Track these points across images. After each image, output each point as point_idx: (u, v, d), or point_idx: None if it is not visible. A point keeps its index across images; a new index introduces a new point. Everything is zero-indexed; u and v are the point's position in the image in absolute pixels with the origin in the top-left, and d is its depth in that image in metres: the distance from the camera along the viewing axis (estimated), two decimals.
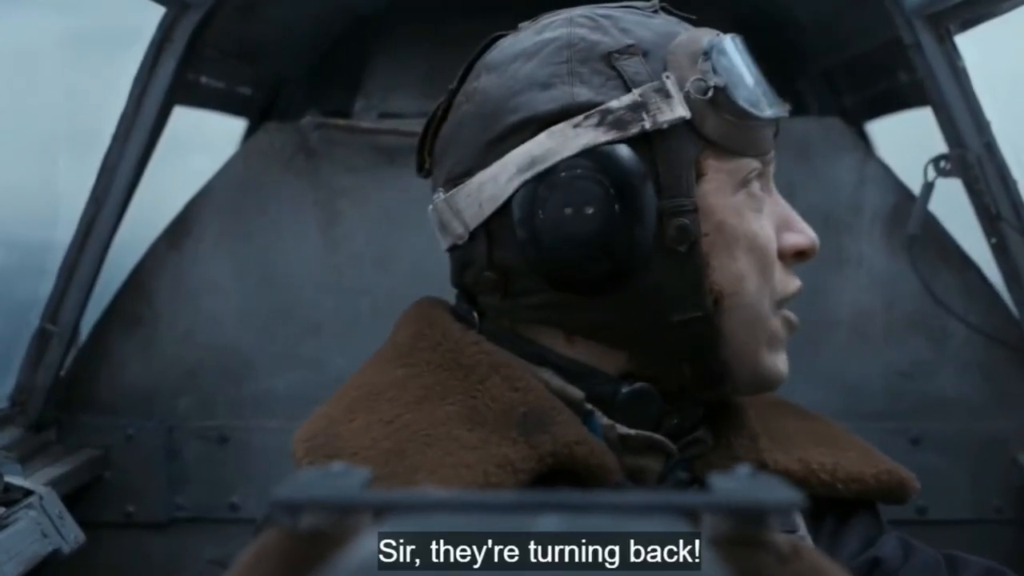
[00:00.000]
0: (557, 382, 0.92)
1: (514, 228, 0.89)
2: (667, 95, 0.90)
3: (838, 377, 1.56)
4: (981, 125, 1.46)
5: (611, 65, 0.91)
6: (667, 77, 0.90)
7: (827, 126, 1.61)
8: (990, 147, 1.46)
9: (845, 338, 1.57)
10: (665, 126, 0.89)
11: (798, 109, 1.94)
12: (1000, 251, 1.49)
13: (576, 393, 0.92)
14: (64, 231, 1.54)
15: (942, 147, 1.50)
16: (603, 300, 0.90)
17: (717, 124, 0.90)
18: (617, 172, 0.88)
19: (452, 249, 0.94)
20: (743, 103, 0.90)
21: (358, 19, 1.80)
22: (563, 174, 0.88)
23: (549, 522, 0.46)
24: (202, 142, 2.07)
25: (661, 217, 0.89)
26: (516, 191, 0.89)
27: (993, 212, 1.47)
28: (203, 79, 1.72)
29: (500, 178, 0.90)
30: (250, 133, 2.03)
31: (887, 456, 1.02)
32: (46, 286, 1.53)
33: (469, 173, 0.92)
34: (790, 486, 0.51)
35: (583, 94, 0.90)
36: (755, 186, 0.93)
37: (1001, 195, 1.46)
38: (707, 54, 0.92)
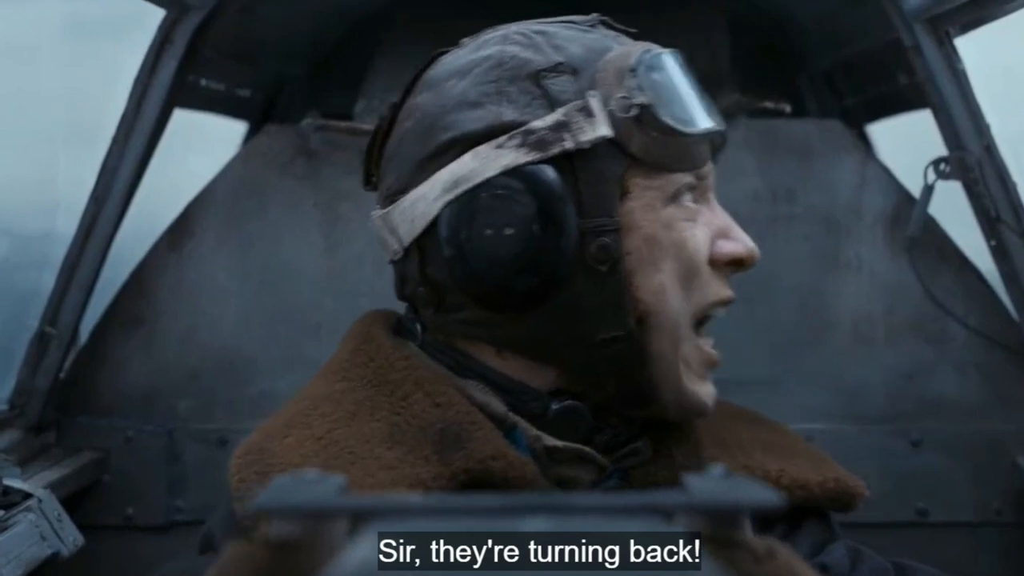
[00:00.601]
0: (480, 396, 0.94)
1: (442, 246, 0.91)
2: (590, 114, 0.90)
3: (838, 379, 1.56)
4: (981, 128, 1.46)
5: (539, 84, 0.92)
6: (592, 95, 0.91)
7: (827, 128, 1.61)
8: (990, 150, 1.46)
9: (845, 340, 1.57)
10: (587, 145, 0.89)
11: (798, 111, 1.95)
12: (1000, 253, 1.49)
13: (499, 407, 0.94)
14: (65, 221, 1.54)
15: (942, 149, 1.50)
16: (528, 318, 0.91)
17: (643, 142, 0.90)
18: (536, 192, 0.89)
19: (392, 263, 0.97)
20: (669, 120, 0.91)
21: (359, 21, 1.80)
22: (483, 195, 0.89)
23: (535, 524, 0.46)
24: (202, 144, 2.07)
25: (583, 236, 0.89)
26: (442, 210, 0.91)
27: (993, 214, 1.47)
28: (203, 81, 1.72)
29: (429, 196, 0.92)
30: (250, 135, 2.04)
31: (841, 466, 1.03)
32: (47, 277, 1.53)
33: (404, 190, 0.93)
34: (765, 486, 0.52)
35: (508, 114, 0.91)
36: (687, 199, 0.93)
37: (1001, 197, 1.46)
38: (634, 71, 0.92)
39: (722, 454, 0.99)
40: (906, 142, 2.00)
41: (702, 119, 0.93)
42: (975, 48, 1.47)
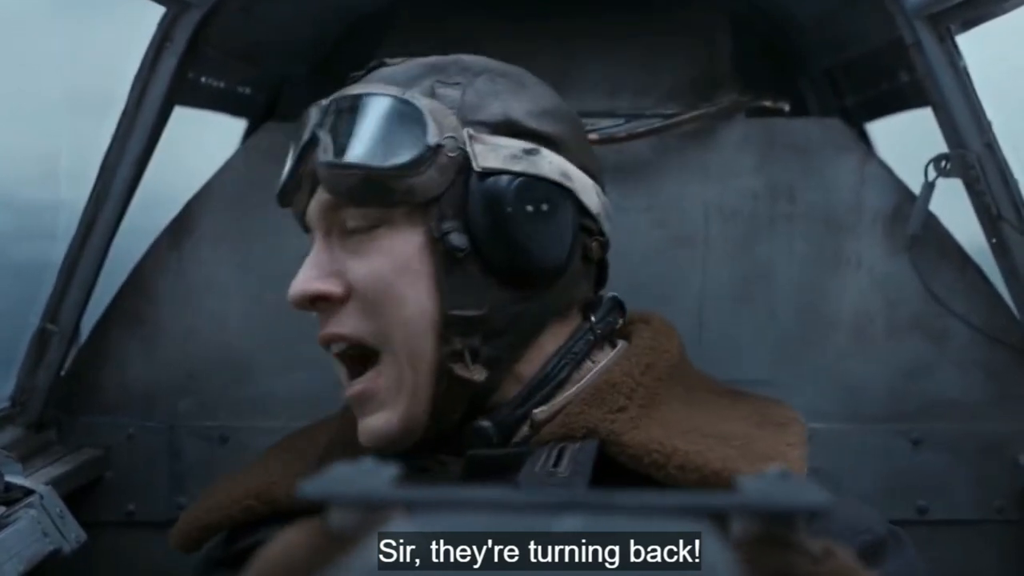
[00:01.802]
0: None
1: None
2: None
3: (838, 378, 1.56)
4: (982, 125, 1.46)
5: None
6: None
7: (827, 126, 1.61)
8: (991, 147, 1.46)
9: (845, 339, 1.57)
10: None
11: (798, 110, 1.95)
12: (1001, 251, 1.49)
13: None
14: (68, 192, 1.53)
15: (943, 147, 1.50)
16: None
17: None
18: None
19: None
20: None
21: (360, 18, 1.80)
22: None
23: (571, 522, 0.46)
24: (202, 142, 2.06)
25: None
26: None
27: (994, 212, 1.47)
28: (203, 79, 1.72)
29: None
30: (251, 133, 2.03)
31: (786, 459, 1.02)
32: (50, 248, 1.53)
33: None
34: (818, 488, 0.51)
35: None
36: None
37: (1002, 195, 1.46)
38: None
39: (638, 427, 1.02)
40: (907, 140, 1.99)
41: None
42: (977, 45, 1.47)
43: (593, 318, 1.11)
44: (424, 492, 0.49)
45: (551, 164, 1.05)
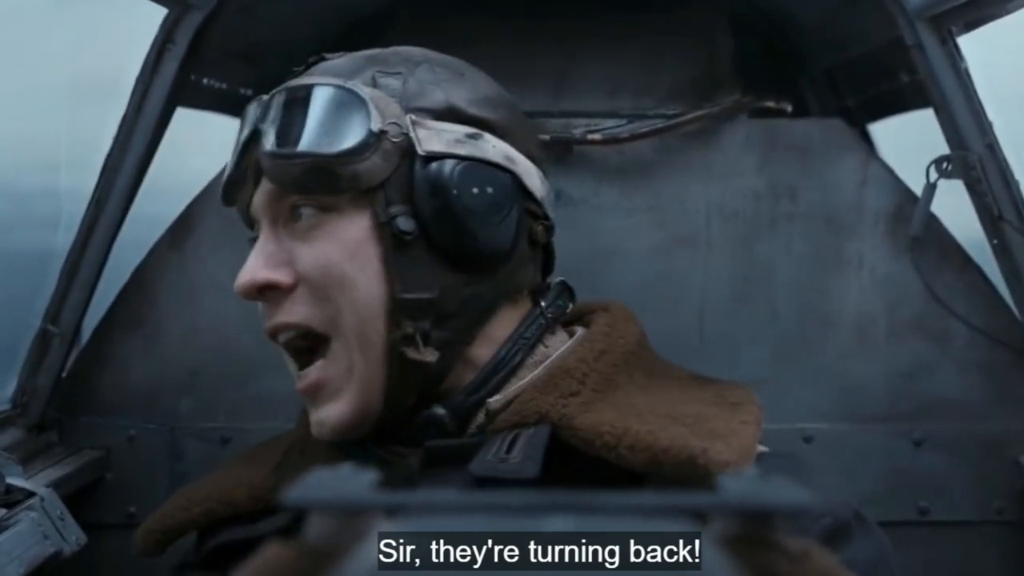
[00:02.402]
0: None
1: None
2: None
3: (839, 378, 1.56)
4: (983, 126, 1.46)
5: None
6: None
7: (829, 127, 1.61)
8: (992, 148, 1.46)
9: (846, 339, 1.57)
10: None
11: (799, 110, 1.95)
12: (1002, 252, 1.49)
13: None
14: (68, 180, 1.52)
15: (944, 148, 1.50)
16: None
17: None
18: None
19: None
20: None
21: (360, 19, 1.80)
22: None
23: (560, 523, 0.46)
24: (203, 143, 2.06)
25: None
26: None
27: (995, 213, 1.47)
28: (205, 80, 1.72)
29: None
30: None
31: (740, 439, 1.00)
32: (51, 237, 1.52)
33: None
34: (800, 487, 0.51)
35: None
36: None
37: (1003, 196, 1.46)
38: None
39: (590, 409, 1.03)
40: (909, 141, 1.99)
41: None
42: (978, 46, 1.47)
43: (543, 303, 1.12)
44: (409, 496, 0.49)
45: (495, 148, 1.07)
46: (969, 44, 1.46)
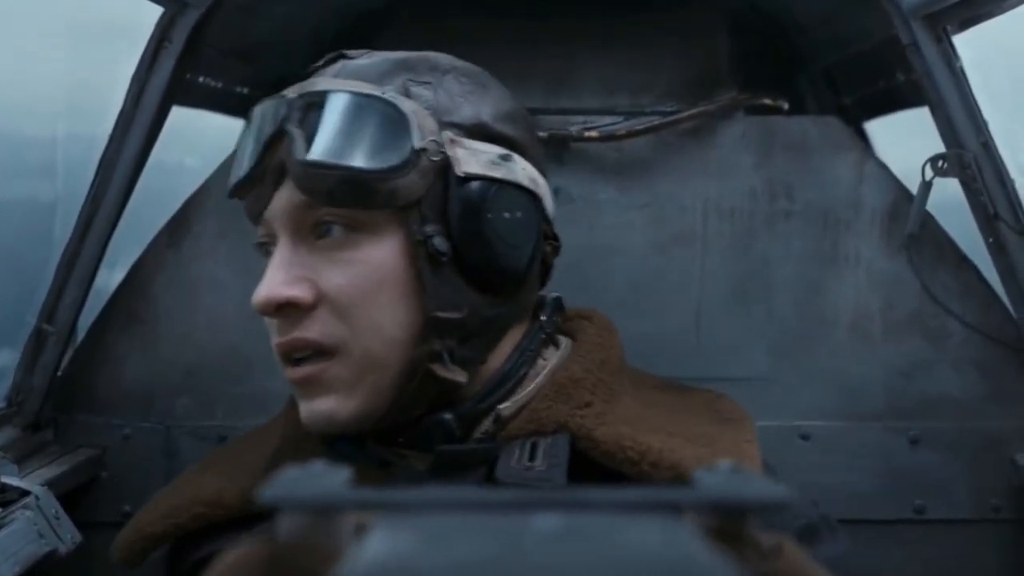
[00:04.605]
0: None
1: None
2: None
3: (836, 377, 1.56)
4: (978, 125, 1.46)
5: None
6: None
7: (825, 125, 1.61)
8: (987, 147, 1.46)
9: (843, 337, 1.57)
10: None
11: (796, 108, 1.95)
12: (997, 250, 1.49)
13: None
14: (67, 124, 1.50)
15: (940, 146, 1.50)
16: None
17: None
18: None
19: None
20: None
21: (358, 17, 1.79)
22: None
23: (543, 520, 0.46)
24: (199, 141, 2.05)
25: None
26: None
27: (990, 212, 1.47)
28: (201, 79, 1.72)
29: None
30: None
31: (752, 457, 1.04)
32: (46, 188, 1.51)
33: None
34: (774, 482, 0.52)
35: None
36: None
37: (999, 195, 1.46)
38: None
39: (603, 422, 1.05)
40: (905, 138, 1.99)
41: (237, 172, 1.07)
42: (973, 45, 1.47)
43: (543, 317, 1.13)
44: (389, 494, 0.49)
45: (524, 171, 1.07)
46: (964, 43, 1.46)
